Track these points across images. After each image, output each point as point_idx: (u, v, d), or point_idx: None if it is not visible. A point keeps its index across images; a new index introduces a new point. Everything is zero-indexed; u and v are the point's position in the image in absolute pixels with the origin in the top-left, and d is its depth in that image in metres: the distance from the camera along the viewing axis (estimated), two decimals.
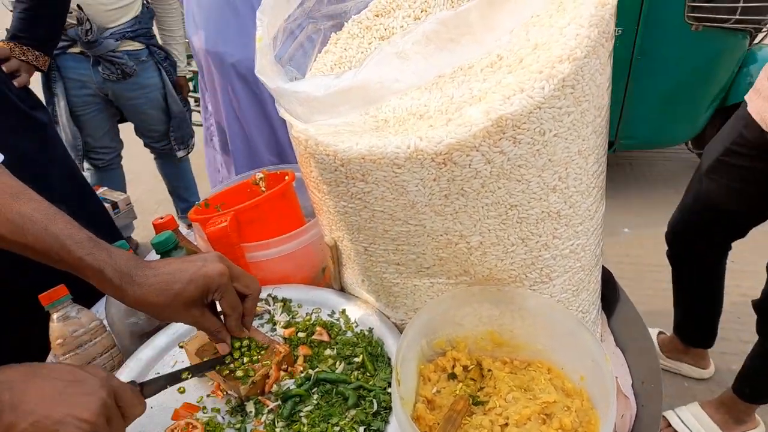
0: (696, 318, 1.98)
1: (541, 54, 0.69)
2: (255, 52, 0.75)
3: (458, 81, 0.76)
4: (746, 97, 1.50)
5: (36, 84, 1.75)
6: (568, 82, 0.68)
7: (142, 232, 3.18)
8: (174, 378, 0.77)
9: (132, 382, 0.71)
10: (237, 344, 0.84)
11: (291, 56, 0.89)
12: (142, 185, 3.84)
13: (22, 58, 1.63)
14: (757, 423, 1.81)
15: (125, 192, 2.86)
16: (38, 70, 1.70)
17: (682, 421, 1.83)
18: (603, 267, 0.97)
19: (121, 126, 2.77)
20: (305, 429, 0.77)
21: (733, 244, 1.76)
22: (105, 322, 0.97)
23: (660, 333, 2.15)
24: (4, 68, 1.45)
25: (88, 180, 2.43)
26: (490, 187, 0.72)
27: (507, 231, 0.76)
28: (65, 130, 2.46)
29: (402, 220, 0.77)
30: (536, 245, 0.78)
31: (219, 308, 0.80)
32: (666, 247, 1.88)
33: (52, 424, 0.56)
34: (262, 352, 0.84)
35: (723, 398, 1.81)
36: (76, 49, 2.35)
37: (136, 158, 3.31)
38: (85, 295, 0.97)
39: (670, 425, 1.84)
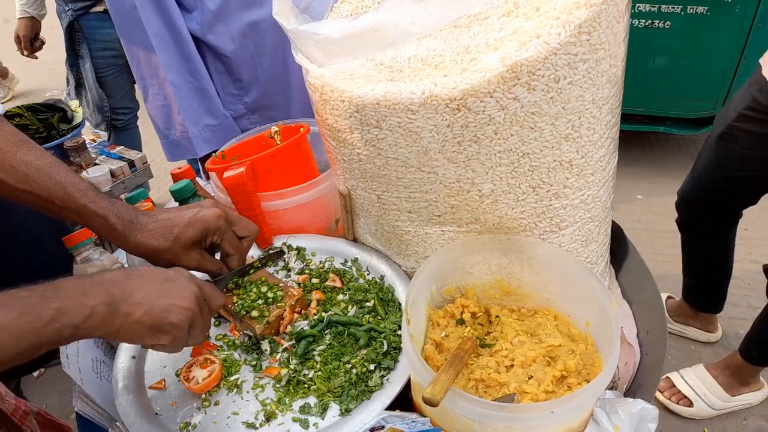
0: (705, 284, 1.98)
1: (558, 1, 0.69)
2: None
3: (474, 31, 0.76)
4: (761, 61, 1.47)
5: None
6: (584, 28, 0.67)
7: (157, 194, 3.22)
8: (242, 272, 0.85)
9: (207, 281, 0.77)
10: (255, 288, 0.88)
11: (307, 5, 0.89)
12: (158, 146, 3.87)
13: None
14: (762, 385, 1.84)
15: (141, 151, 2.88)
16: None
17: (687, 383, 1.86)
18: (613, 221, 0.98)
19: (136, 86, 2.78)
20: (318, 366, 0.81)
21: (747, 212, 1.76)
22: (125, 265, 1.01)
23: (669, 297, 2.17)
24: None
25: (105, 140, 2.47)
26: (503, 134, 0.73)
27: (518, 179, 0.78)
28: (91, 92, 2.47)
29: (415, 167, 0.79)
30: (547, 194, 0.80)
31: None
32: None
33: (161, 312, 0.64)
34: (278, 293, 0.87)
35: (729, 360, 1.83)
36: (99, 8, 2.34)
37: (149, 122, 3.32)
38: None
39: (674, 385, 1.87)
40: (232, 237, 0.82)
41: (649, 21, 2.60)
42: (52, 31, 3.35)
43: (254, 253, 1.06)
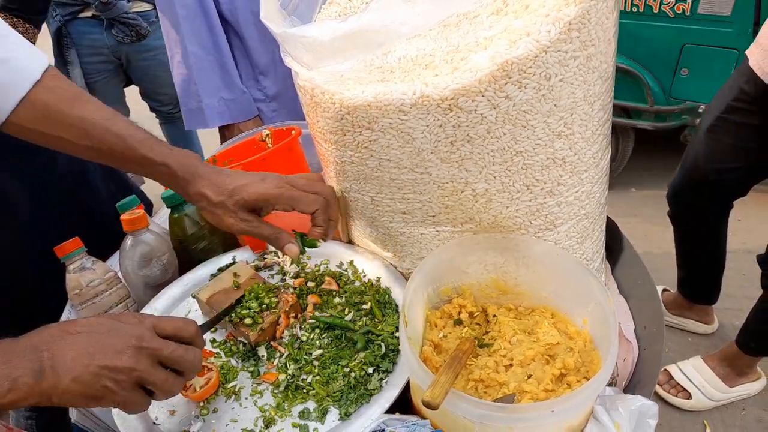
0: (699, 276, 2.00)
1: None
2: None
3: (463, 30, 0.76)
4: (747, 52, 1.48)
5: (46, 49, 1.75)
6: (574, 25, 0.67)
7: (150, 198, 3.20)
8: (216, 320, 0.82)
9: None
10: (247, 294, 0.87)
11: (295, 7, 0.88)
12: None
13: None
14: (759, 375, 1.85)
15: None
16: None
17: (685, 375, 1.87)
18: (608, 217, 0.98)
19: (126, 91, 2.77)
20: (316, 370, 0.80)
21: (741, 203, 1.76)
22: (119, 273, 1.00)
23: (664, 290, 2.17)
24: None
25: None
26: (495, 133, 0.72)
27: (512, 178, 0.77)
28: None
29: (408, 168, 0.78)
30: (541, 192, 0.79)
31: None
32: None
33: (91, 378, 0.56)
34: (273, 299, 0.87)
35: (726, 352, 1.84)
36: (87, 14, 2.32)
37: (145, 123, 3.30)
38: (98, 249, 1.00)
39: (672, 378, 1.88)
40: (306, 197, 0.81)
41: None
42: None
43: (247, 256, 1.06)
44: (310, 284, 0.96)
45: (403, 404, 0.78)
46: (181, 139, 2.98)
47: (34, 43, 1.73)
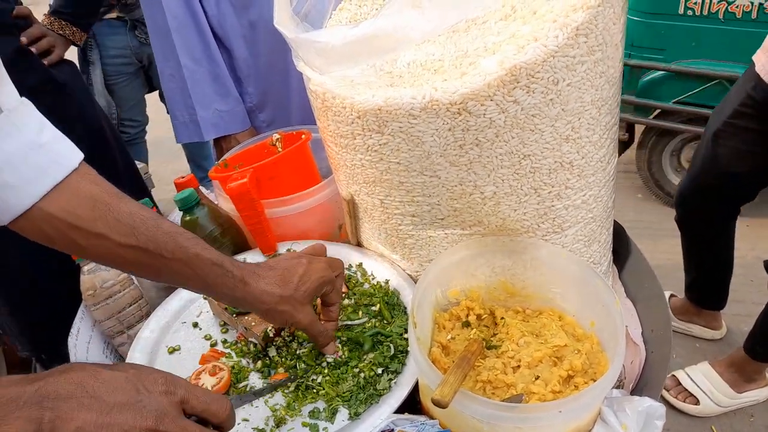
0: (707, 281, 1.99)
1: (555, 3, 0.70)
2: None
3: (472, 35, 0.77)
4: (754, 57, 1.49)
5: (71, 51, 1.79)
6: (581, 30, 0.68)
7: (159, 203, 3.23)
8: (257, 394, 0.79)
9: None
10: None
11: (307, 13, 0.90)
12: (160, 156, 3.87)
13: (60, 32, 1.67)
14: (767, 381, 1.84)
15: (148, 166, 2.88)
16: (74, 44, 1.74)
17: (693, 380, 1.86)
18: (615, 221, 0.99)
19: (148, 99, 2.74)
20: (326, 371, 0.81)
21: (748, 207, 1.76)
22: (134, 278, 1.01)
23: (672, 296, 2.17)
24: (34, 48, 1.48)
25: None
26: (504, 137, 0.74)
27: (520, 181, 0.78)
28: (99, 99, 2.45)
29: (417, 171, 0.79)
30: (549, 195, 0.80)
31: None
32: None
33: None
34: None
35: (733, 358, 1.83)
36: (112, 15, 2.34)
37: (157, 127, 3.31)
38: None
39: (680, 384, 1.87)
40: (340, 288, 0.81)
41: None
42: None
43: (257, 258, 1.07)
44: None
45: (412, 405, 0.79)
46: (197, 146, 2.97)
47: (81, 45, 1.77)
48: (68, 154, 0.69)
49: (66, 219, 0.66)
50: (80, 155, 0.70)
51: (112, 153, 1.61)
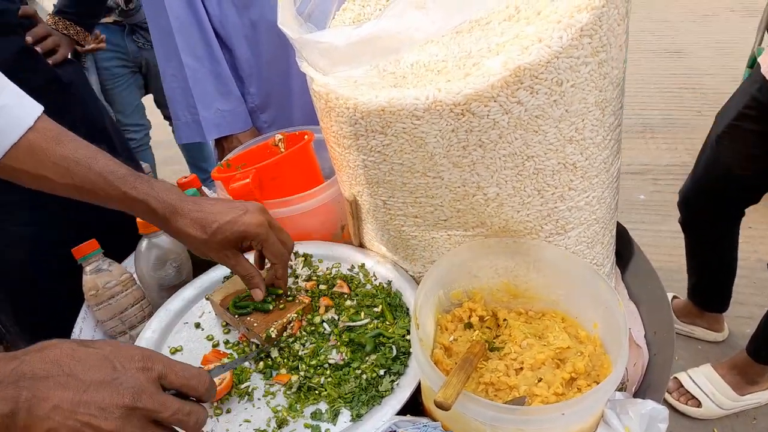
0: (710, 283, 1.99)
1: (559, 4, 0.70)
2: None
3: (475, 36, 0.77)
4: (760, 59, 1.48)
5: None
6: (586, 31, 0.68)
7: None
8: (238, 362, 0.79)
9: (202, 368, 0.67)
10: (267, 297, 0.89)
11: (310, 13, 0.90)
12: (158, 157, 3.86)
13: (65, 32, 1.67)
14: None
15: (155, 173, 2.86)
16: (78, 44, 1.74)
17: (695, 383, 1.85)
18: (618, 223, 0.98)
19: (147, 103, 2.72)
20: (328, 372, 0.81)
21: (751, 210, 1.76)
22: (135, 275, 1.01)
23: (674, 297, 2.16)
24: (39, 48, 1.48)
25: None
26: (507, 138, 0.73)
27: (523, 182, 0.78)
28: None
29: (420, 173, 0.79)
30: (552, 197, 0.80)
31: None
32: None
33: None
34: (289, 299, 0.88)
35: (736, 360, 1.83)
36: (109, 19, 2.33)
37: (153, 130, 3.31)
38: (114, 251, 1.01)
39: (682, 386, 1.87)
40: (277, 245, 0.83)
41: None
42: None
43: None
44: (322, 287, 0.97)
45: (414, 406, 0.79)
46: (195, 145, 2.98)
47: (84, 45, 1.78)
48: (24, 116, 0.78)
49: (20, 167, 0.78)
50: (35, 114, 0.79)
51: (117, 153, 1.61)
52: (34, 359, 0.51)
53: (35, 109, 0.80)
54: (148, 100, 2.78)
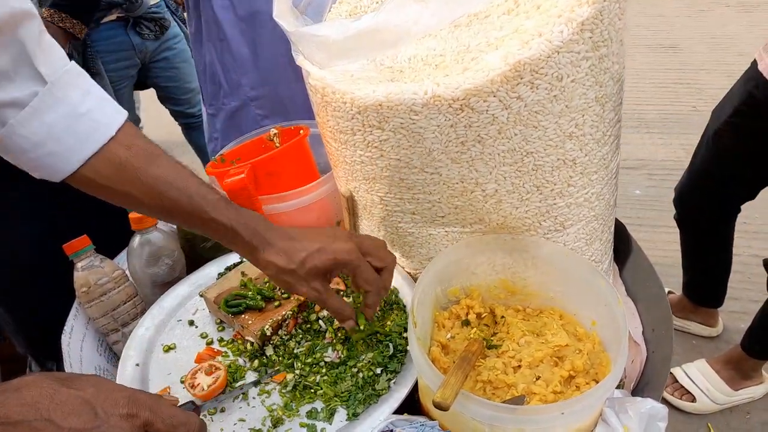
0: (705, 279, 1.99)
1: None
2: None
3: (474, 30, 0.76)
4: (756, 56, 1.48)
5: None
6: (587, 25, 0.67)
7: None
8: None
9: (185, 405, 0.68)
10: (253, 293, 0.87)
11: (307, 5, 0.88)
12: None
13: (60, 25, 1.64)
14: (764, 378, 1.84)
15: None
16: (74, 38, 1.71)
17: (689, 377, 1.86)
18: (616, 219, 0.98)
19: (144, 99, 2.63)
20: (324, 370, 0.80)
21: (746, 206, 1.76)
22: (127, 272, 1.00)
23: (669, 292, 2.17)
24: None
25: None
26: (506, 134, 0.72)
27: (522, 178, 0.77)
28: None
29: (418, 168, 0.78)
30: (551, 193, 0.79)
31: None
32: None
33: None
34: (284, 296, 0.87)
35: (731, 355, 1.84)
36: (111, 16, 2.25)
37: (158, 131, 3.25)
38: (106, 247, 1.00)
39: (676, 381, 1.88)
40: (368, 271, 0.76)
41: None
42: None
43: None
44: None
45: (411, 405, 0.78)
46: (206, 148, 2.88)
47: (81, 38, 1.75)
48: (108, 122, 0.74)
49: (103, 183, 0.74)
50: (120, 121, 0.75)
51: None
52: (10, 401, 0.47)
53: (118, 116, 0.76)
54: (152, 102, 2.67)
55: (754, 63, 1.48)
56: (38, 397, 0.48)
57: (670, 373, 1.91)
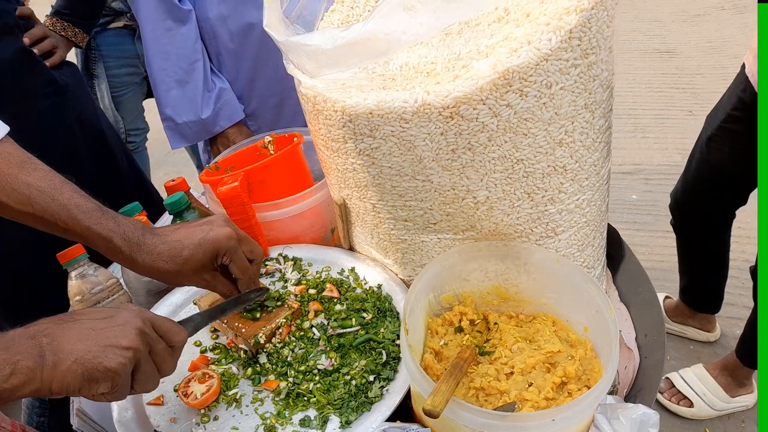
0: (701, 284, 1.99)
1: (548, 6, 0.69)
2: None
3: (465, 38, 0.76)
4: (744, 60, 1.48)
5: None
6: (575, 33, 0.68)
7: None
8: (209, 316, 0.78)
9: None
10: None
11: (298, 15, 0.89)
12: (160, 171, 3.82)
13: (62, 33, 1.65)
14: (754, 388, 1.84)
15: (149, 174, 2.81)
16: (76, 46, 1.72)
17: (687, 383, 1.86)
18: (609, 225, 0.98)
19: (152, 107, 2.64)
20: (317, 378, 0.80)
21: (739, 211, 1.76)
22: (121, 280, 1.00)
23: (666, 297, 2.17)
24: (36, 50, 1.46)
25: None
26: (496, 141, 0.73)
27: (513, 185, 0.77)
28: (107, 113, 2.37)
29: (409, 176, 0.79)
30: (542, 200, 0.79)
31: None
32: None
33: (93, 358, 0.57)
34: (278, 303, 0.87)
35: (726, 361, 1.83)
36: (118, 24, 2.25)
37: (158, 143, 3.24)
38: (100, 255, 1.00)
39: (674, 386, 1.87)
40: (242, 259, 0.79)
41: None
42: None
43: None
44: (312, 291, 0.95)
45: (405, 411, 0.78)
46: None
47: (83, 47, 1.76)
48: None
49: None
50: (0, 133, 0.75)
51: (114, 156, 1.58)
52: (37, 325, 0.58)
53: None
54: (152, 113, 2.69)
55: (743, 67, 1.48)
56: (60, 315, 0.61)
57: (668, 378, 1.90)
